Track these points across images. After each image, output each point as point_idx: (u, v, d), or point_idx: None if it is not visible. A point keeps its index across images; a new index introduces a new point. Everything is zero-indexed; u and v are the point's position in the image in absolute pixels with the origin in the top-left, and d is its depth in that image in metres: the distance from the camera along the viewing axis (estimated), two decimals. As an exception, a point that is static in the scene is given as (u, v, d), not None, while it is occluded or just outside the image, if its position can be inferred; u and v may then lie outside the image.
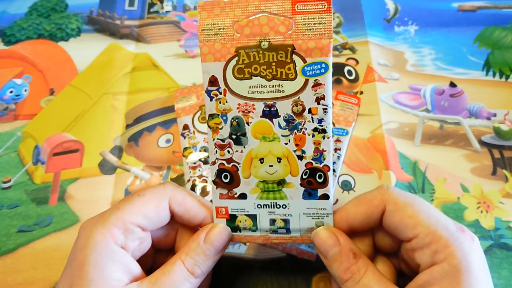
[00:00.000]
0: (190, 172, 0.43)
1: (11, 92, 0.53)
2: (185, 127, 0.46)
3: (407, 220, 0.27)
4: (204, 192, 0.42)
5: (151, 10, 0.62)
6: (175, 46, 0.58)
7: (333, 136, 0.44)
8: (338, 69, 0.53)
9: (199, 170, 0.43)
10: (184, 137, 0.45)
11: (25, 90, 0.54)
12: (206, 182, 0.42)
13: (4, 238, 0.42)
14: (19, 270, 0.40)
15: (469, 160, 0.46)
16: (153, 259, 0.32)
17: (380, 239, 0.31)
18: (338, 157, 0.43)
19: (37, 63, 0.56)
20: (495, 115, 0.49)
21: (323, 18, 0.28)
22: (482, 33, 0.57)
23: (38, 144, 0.48)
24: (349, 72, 0.53)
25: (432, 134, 0.48)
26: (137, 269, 0.28)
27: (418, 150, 0.47)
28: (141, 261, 0.29)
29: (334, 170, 0.43)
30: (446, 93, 0.52)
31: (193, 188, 0.42)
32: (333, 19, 0.60)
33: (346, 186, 0.44)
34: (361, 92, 0.51)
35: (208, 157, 0.44)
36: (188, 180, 0.43)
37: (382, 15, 0.60)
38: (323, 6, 0.28)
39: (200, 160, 0.44)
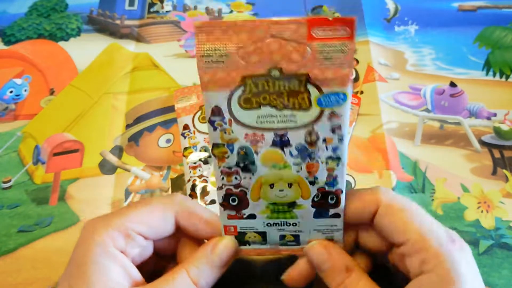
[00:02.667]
0: (190, 172, 0.43)
1: (11, 92, 0.53)
2: (185, 127, 0.46)
3: (399, 225, 0.27)
4: (204, 192, 0.42)
5: (151, 10, 0.62)
6: (175, 46, 0.58)
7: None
8: (338, 69, 0.53)
9: (199, 170, 0.43)
10: (185, 137, 0.45)
11: (25, 90, 0.54)
12: (207, 182, 0.42)
13: (5, 238, 0.42)
14: (19, 270, 0.40)
15: (469, 160, 0.46)
16: (154, 265, 0.32)
17: (368, 237, 0.30)
18: (339, 157, 0.43)
19: (37, 63, 0.56)
20: (495, 115, 0.49)
21: (345, 45, 0.23)
22: (482, 33, 0.57)
23: (38, 144, 0.48)
24: (349, 72, 0.53)
25: (432, 134, 0.48)
26: (137, 275, 0.28)
27: (418, 150, 0.47)
28: (141, 266, 0.29)
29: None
30: (446, 93, 0.52)
31: (193, 188, 0.42)
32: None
33: (346, 186, 0.44)
34: (362, 92, 0.51)
35: (208, 157, 0.44)
36: (188, 180, 0.43)
37: (382, 15, 0.60)
38: (346, 32, 0.23)
39: (200, 160, 0.44)
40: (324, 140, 0.26)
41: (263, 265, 0.38)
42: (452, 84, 0.52)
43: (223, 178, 0.28)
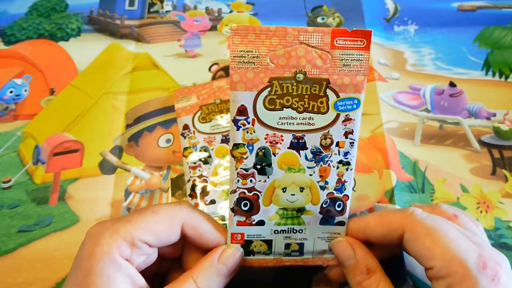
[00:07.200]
0: (190, 172, 0.43)
1: (11, 92, 0.53)
2: (185, 127, 0.46)
3: (423, 252, 0.27)
4: (204, 192, 0.42)
5: (151, 10, 0.62)
6: (175, 46, 0.58)
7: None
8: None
9: (199, 170, 0.43)
10: (184, 137, 0.45)
11: (25, 90, 0.54)
12: (206, 182, 0.42)
13: (4, 238, 0.42)
14: (19, 270, 0.40)
15: (468, 160, 0.46)
16: (157, 267, 0.32)
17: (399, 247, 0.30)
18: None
19: (37, 63, 0.56)
20: (494, 115, 0.49)
21: (361, 55, 0.27)
22: (482, 32, 0.57)
23: (38, 144, 0.48)
24: (349, 72, 0.53)
25: (432, 134, 0.48)
26: (142, 283, 0.28)
27: (418, 150, 0.47)
28: (144, 269, 0.29)
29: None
30: (445, 93, 0.52)
31: (193, 188, 0.42)
32: (333, 18, 0.60)
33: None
34: (361, 92, 0.51)
35: (208, 157, 0.44)
36: (188, 180, 0.43)
37: (382, 15, 0.60)
38: (362, 43, 0.27)
39: (200, 160, 0.44)
40: (337, 144, 0.29)
41: (263, 268, 0.38)
42: (452, 84, 0.52)
43: (238, 181, 0.29)
